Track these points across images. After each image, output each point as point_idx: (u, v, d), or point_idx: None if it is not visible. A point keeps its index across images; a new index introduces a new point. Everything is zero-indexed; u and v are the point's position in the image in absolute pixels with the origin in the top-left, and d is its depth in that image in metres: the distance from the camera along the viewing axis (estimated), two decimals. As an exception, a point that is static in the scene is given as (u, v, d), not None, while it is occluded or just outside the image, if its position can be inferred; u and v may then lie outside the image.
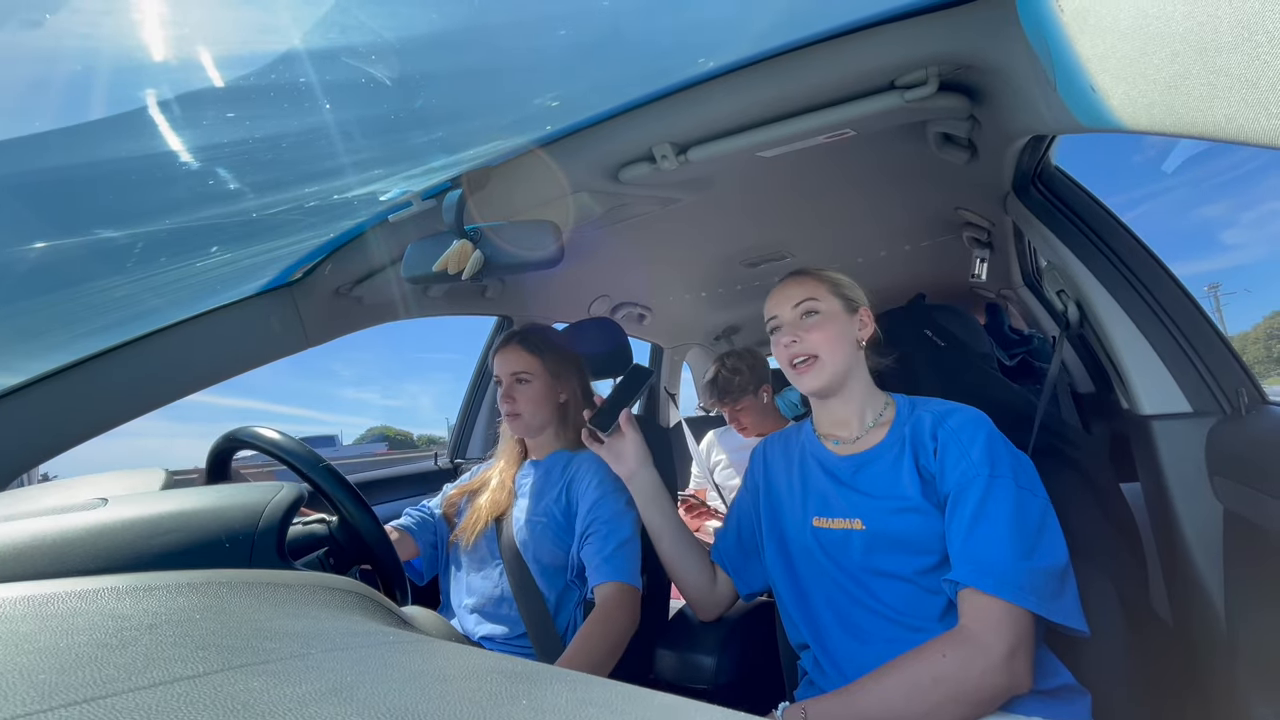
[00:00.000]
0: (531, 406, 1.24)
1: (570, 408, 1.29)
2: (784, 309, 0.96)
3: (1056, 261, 1.13)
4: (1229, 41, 0.36)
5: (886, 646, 0.83)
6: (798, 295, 0.95)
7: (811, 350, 0.92)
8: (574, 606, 1.19)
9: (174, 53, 0.60)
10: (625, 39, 0.76)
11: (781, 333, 0.95)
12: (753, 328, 2.73)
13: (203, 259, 0.98)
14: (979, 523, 0.79)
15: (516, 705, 0.26)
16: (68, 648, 0.26)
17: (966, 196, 1.44)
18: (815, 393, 0.95)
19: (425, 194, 1.04)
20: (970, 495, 0.81)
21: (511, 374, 1.25)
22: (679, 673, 1.26)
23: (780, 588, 0.98)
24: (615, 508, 1.17)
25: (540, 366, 1.25)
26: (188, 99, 0.65)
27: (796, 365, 0.93)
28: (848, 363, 0.93)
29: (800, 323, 0.94)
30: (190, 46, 0.60)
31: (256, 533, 0.58)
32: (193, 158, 0.74)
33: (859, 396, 0.96)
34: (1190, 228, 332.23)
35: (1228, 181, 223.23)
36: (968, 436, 0.86)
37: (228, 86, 0.65)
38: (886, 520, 0.87)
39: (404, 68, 0.68)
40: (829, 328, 0.93)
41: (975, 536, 0.79)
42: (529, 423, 1.25)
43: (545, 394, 1.26)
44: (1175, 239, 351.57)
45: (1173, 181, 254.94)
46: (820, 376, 0.92)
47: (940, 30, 0.77)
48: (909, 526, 0.85)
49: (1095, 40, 0.52)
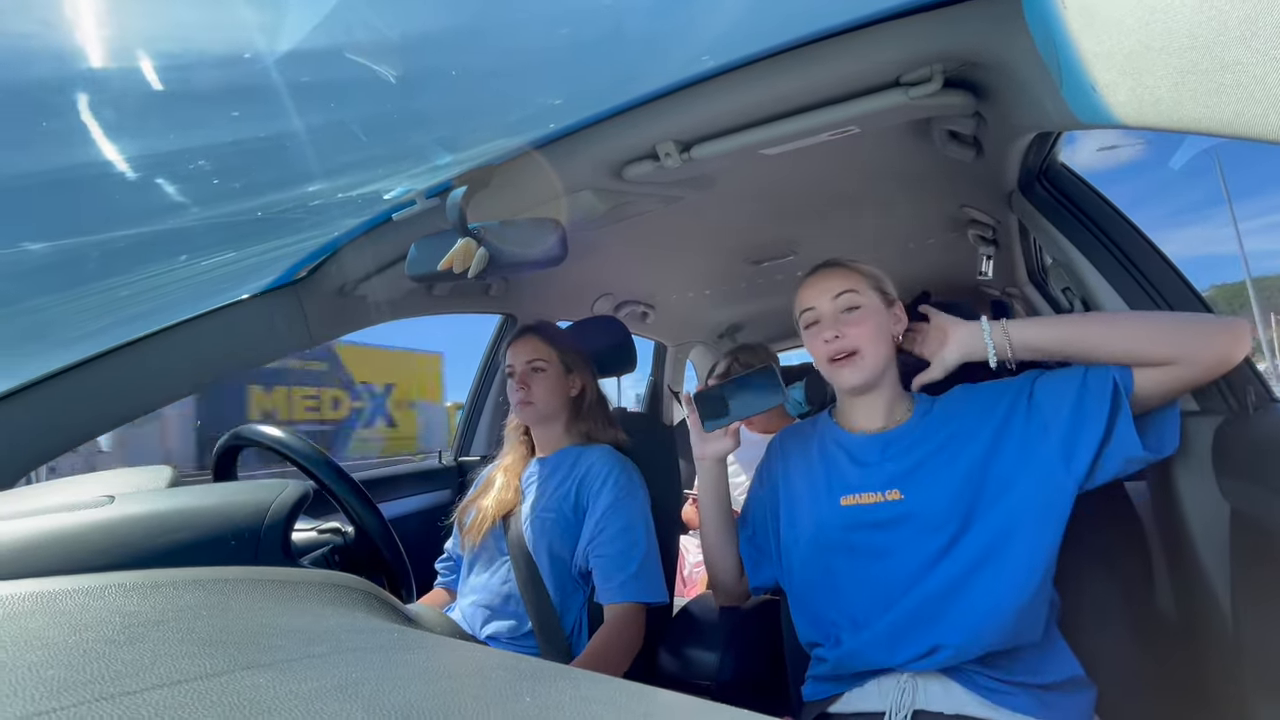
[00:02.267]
0: (545, 394, 1.24)
1: (582, 402, 1.30)
2: (823, 301, 0.91)
3: (1062, 259, 1.12)
4: (1236, 36, 0.36)
5: (927, 620, 0.82)
6: (838, 286, 0.91)
7: (853, 346, 0.88)
8: (579, 608, 1.19)
9: (179, 51, 0.60)
10: (628, 37, 0.76)
11: (821, 327, 0.91)
12: (756, 325, 2.73)
13: (207, 258, 0.99)
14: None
15: (521, 702, 0.26)
16: (76, 644, 0.26)
17: (971, 194, 1.43)
18: (854, 389, 0.92)
19: (429, 192, 1.04)
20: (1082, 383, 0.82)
21: (526, 361, 1.26)
22: (682, 669, 1.26)
23: (797, 581, 0.95)
24: (629, 515, 1.16)
25: (555, 356, 1.27)
26: (192, 97, 0.65)
27: (836, 360, 0.90)
28: (886, 360, 0.91)
29: (842, 317, 0.90)
30: (195, 44, 0.60)
31: (262, 530, 0.59)
32: (195, 157, 0.75)
33: (890, 393, 0.94)
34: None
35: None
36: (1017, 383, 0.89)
37: (231, 86, 0.65)
38: (923, 474, 0.86)
39: (408, 66, 0.69)
40: (870, 322, 0.89)
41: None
42: (541, 411, 1.25)
43: (558, 384, 1.27)
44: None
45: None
46: (861, 372, 0.89)
47: (945, 27, 0.76)
48: (947, 469, 0.85)
49: (1100, 36, 0.52)
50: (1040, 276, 1.82)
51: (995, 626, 0.78)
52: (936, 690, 0.81)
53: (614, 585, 1.12)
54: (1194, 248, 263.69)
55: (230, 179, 0.81)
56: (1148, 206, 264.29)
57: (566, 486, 1.21)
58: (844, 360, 0.89)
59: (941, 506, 0.83)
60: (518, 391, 1.25)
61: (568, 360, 1.29)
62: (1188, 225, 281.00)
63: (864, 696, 0.85)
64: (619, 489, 1.18)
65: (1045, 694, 0.80)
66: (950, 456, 0.86)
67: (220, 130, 0.72)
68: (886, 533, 0.86)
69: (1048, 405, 0.84)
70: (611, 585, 1.13)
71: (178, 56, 0.60)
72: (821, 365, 0.93)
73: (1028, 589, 0.79)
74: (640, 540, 1.15)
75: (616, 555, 1.14)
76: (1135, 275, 1.00)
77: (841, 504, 0.90)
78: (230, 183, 0.81)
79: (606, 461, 1.20)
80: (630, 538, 1.14)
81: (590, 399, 1.32)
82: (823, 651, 0.91)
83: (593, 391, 1.33)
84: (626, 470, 1.22)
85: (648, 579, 1.14)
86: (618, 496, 1.17)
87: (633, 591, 1.12)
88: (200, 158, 0.75)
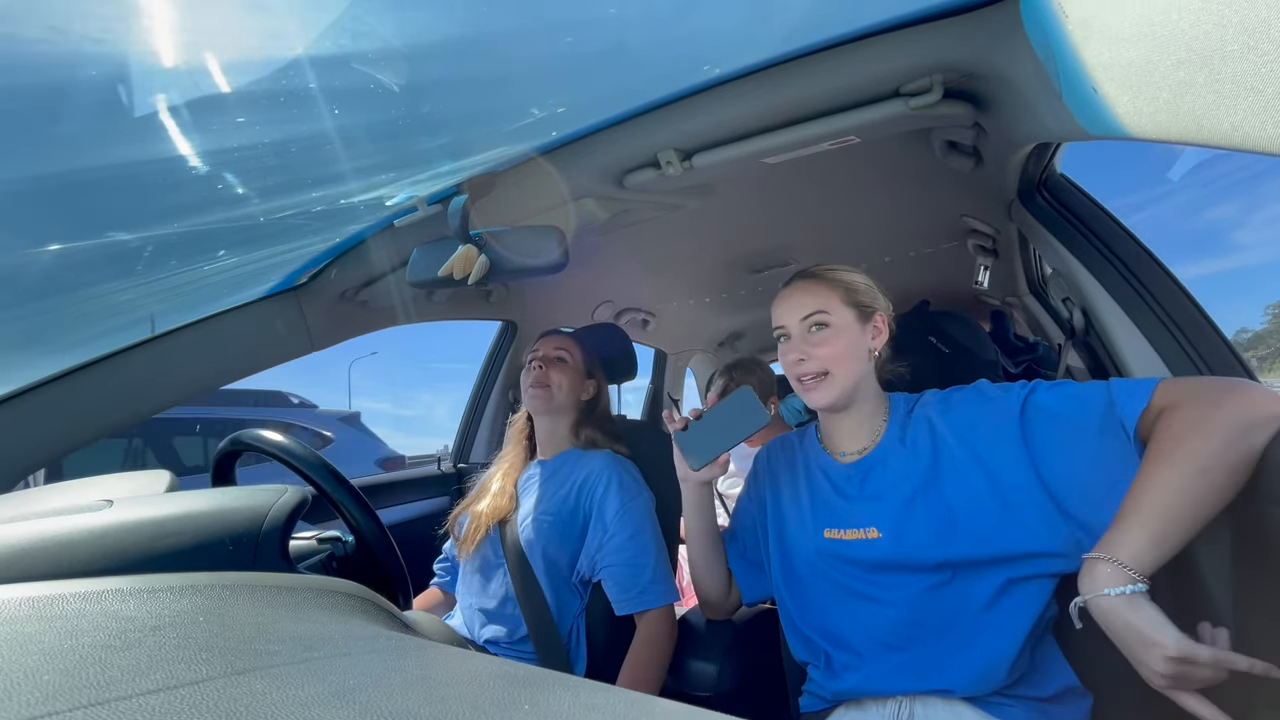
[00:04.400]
0: (563, 383, 1.26)
1: (594, 407, 1.31)
2: (791, 320, 0.89)
3: (1062, 269, 1.12)
4: (1235, 50, 0.36)
5: (917, 650, 0.81)
6: (807, 306, 0.89)
7: (820, 367, 0.87)
8: (575, 614, 1.19)
9: (184, 59, 0.60)
10: (631, 47, 0.77)
11: (790, 346, 0.89)
12: (757, 333, 2.73)
13: (209, 263, 0.99)
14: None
15: (519, 710, 0.26)
16: (72, 649, 0.26)
17: (971, 204, 1.44)
18: (825, 408, 0.91)
19: (431, 199, 1.05)
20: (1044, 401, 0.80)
21: (554, 347, 1.29)
22: (681, 679, 1.25)
23: (788, 601, 0.95)
24: (637, 520, 1.16)
25: (580, 356, 1.30)
26: (196, 104, 0.66)
27: (804, 381, 0.89)
28: (859, 376, 0.89)
29: (809, 337, 0.88)
30: (200, 52, 0.60)
31: (260, 535, 0.59)
32: (201, 163, 0.75)
33: (868, 407, 0.92)
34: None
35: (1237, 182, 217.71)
36: (975, 399, 0.87)
37: (236, 92, 0.65)
38: (901, 517, 0.83)
39: (411, 74, 0.69)
40: (839, 342, 0.87)
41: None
42: (555, 399, 1.25)
43: (576, 380, 1.28)
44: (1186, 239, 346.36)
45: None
46: (830, 393, 0.87)
47: (945, 38, 0.77)
48: (927, 511, 0.82)
49: (1100, 48, 0.52)
50: (1040, 286, 1.82)
51: (1008, 665, 0.78)
52: (937, 704, 0.80)
53: (635, 594, 1.12)
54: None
55: (232, 185, 0.81)
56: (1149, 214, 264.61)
57: (566, 490, 1.20)
58: (813, 381, 0.88)
59: (928, 554, 0.81)
60: (536, 373, 1.25)
61: (589, 364, 1.32)
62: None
63: (862, 711, 0.85)
64: (624, 493, 1.17)
65: (1044, 706, 0.79)
66: (933, 499, 0.83)
67: (223, 136, 0.72)
68: (875, 575, 0.85)
69: (1046, 451, 0.78)
70: (632, 594, 1.12)
71: (181, 63, 0.61)
72: (793, 383, 0.92)
73: (1040, 619, 0.79)
74: (650, 544, 1.15)
75: (629, 563, 1.13)
76: (1135, 285, 1.00)
77: (825, 536, 0.89)
78: (233, 188, 0.82)
79: (609, 466, 1.20)
80: (640, 544, 1.14)
81: (602, 407, 1.33)
82: (816, 673, 0.91)
83: (605, 402, 1.35)
84: (630, 472, 1.22)
85: (665, 581, 1.15)
86: (624, 501, 1.16)
87: (656, 596, 1.12)
88: (202, 163, 0.75)
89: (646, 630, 1.11)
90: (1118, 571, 0.63)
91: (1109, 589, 0.63)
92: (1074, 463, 0.75)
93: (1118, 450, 0.72)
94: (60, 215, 0.75)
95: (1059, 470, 0.76)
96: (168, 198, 0.80)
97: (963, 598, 0.80)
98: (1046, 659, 0.82)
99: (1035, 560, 0.78)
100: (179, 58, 0.60)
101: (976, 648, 0.79)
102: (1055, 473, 0.76)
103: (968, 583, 0.80)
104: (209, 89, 0.64)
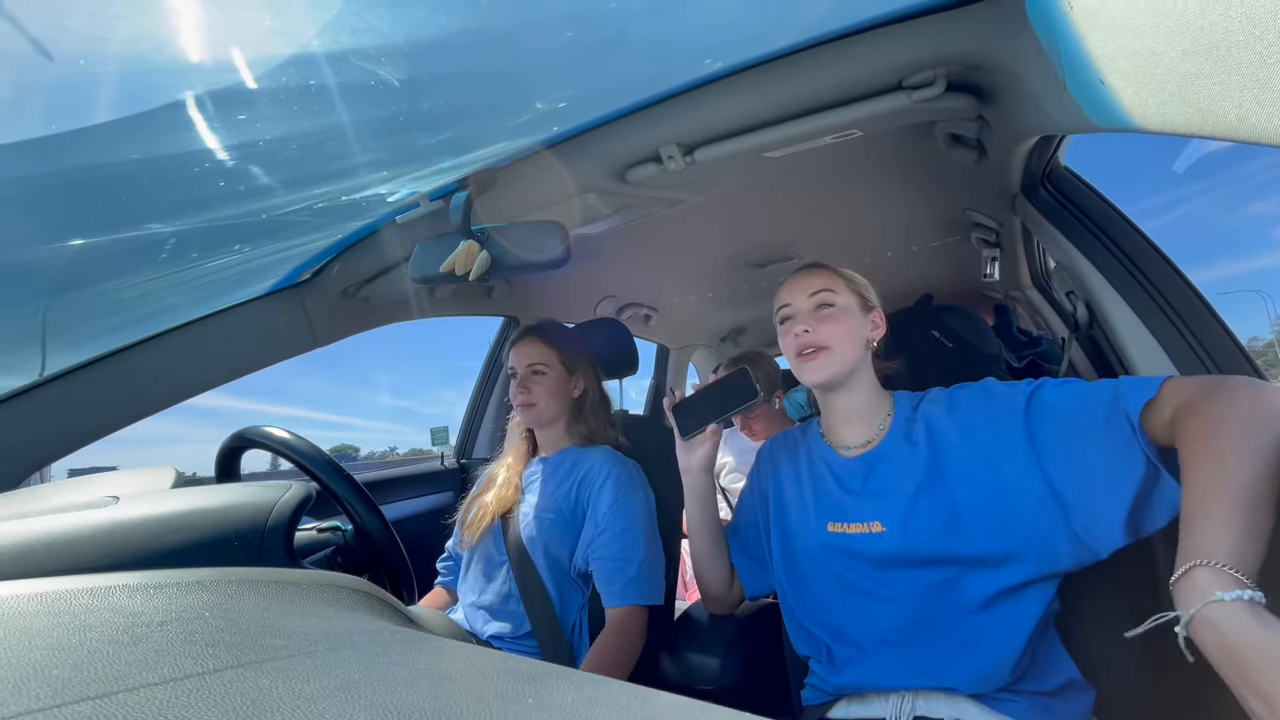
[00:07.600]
0: (546, 397, 1.25)
1: (584, 403, 1.30)
2: (799, 298, 0.93)
3: (1066, 262, 1.12)
4: (1241, 40, 0.36)
5: (918, 646, 0.81)
6: (815, 285, 0.93)
7: (823, 342, 0.89)
8: (578, 609, 1.19)
9: (184, 55, 0.60)
10: (632, 40, 0.76)
11: (794, 322, 0.92)
12: (759, 329, 2.72)
13: (211, 259, 0.99)
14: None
15: (523, 704, 0.26)
16: (79, 644, 0.26)
17: (975, 197, 1.43)
18: (820, 385, 0.93)
19: (433, 195, 1.05)
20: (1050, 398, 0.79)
21: (528, 365, 1.26)
22: (684, 673, 1.26)
23: (790, 595, 0.95)
24: (630, 516, 1.16)
25: (556, 359, 1.27)
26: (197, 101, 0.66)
27: (804, 354, 0.91)
28: (856, 360, 0.91)
29: (815, 313, 0.91)
30: (200, 49, 0.60)
31: (265, 531, 0.59)
32: (201, 160, 0.75)
33: (865, 394, 0.93)
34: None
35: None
36: (983, 395, 0.86)
37: (236, 88, 0.65)
38: (906, 512, 0.83)
39: (412, 69, 0.69)
40: (843, 321, 0.90)
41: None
42: (542, 413, 1.25)
43: (560, 386, 1.27)
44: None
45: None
46: (828, 368, 0.89)
47: (948, 30, 0.77)
48: (932, 506, 0.82)
49: (1105, 39, 0.52)
50: (1044, 280, 1.81)
51: (1010, 664, 0.77)
52: (939, 699, 0.80)
53: (615, 589, 1.12)
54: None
55: (234, 181, 0.81)
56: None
57: (566, 487, 1.21)
58: (812, 355, 0.90)
59: (932, 549, 0.81)
60: (519, 395, 1.25)
61: (569, 361, 1.29)
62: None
63: (864, 705, 0.85)
64: (619, 489, 1.17)
65: (1047, 700, 0.79)
66: (938, 494, 0.82)
67: (224, 133, 0.72)
68: (877, 570, 0.85)
69: (1052, 448, 0.77)
70: (613, 589, 1.12)
71: (181, 60, 0.61)
72: (791, 360, 0.93)
73: (1043, 617, 0.79)
74: (640, 542, 1.15)
75: (616, 557, 1.13)
76: (1139, 278, 0.99)
77: (829, 530, 0.90)
78: (234, 185, 0.82)
79: (607, 462, 1.20)
80: (630, 539, 1.14)
81: (592, 400, 1.32)
82: (817, 666, 0.91)
83: (595, 392, 1.33)
84: (627, 469, 1.22)
85: (649, 581, 1.13)
86: (618, 497, 1.17)
87: (634, 594, 1.11)
88: (204, 160, 0.75)
89: (618, 621, 1.10)
90: (1222, 575, 0.51)
91: (1220, 593, 0.50)
92: (1080, 460, 0.75)
93: (1120, 442, 0.72)
94: (58, 213, 0.75)
95: (1065, 468, 0.76)
96: (168, 194, 0.80)
97: (965, 596, 0.80)
98: (1049, 653, 0.82)
99: (1039, 558, 0.77)
100: (178, 55, 0.60)
101: (978, 648, 0.79)
102: (1061, 470, 0.76)
103: (970, 581, 0.80)
104: (208, 85, 0.64)
